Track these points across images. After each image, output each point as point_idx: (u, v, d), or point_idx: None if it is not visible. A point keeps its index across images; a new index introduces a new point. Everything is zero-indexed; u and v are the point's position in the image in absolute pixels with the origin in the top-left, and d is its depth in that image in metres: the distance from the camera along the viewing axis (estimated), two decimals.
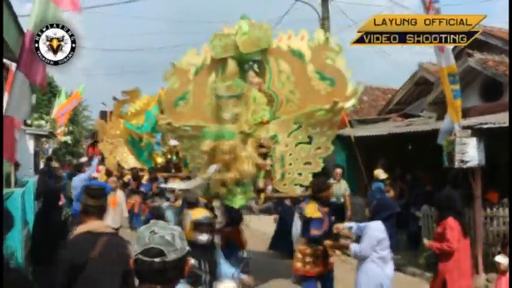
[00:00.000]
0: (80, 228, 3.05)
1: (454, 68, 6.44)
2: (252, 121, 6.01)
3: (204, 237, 3.58)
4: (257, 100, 6.07)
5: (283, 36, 6.28)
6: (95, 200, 3.09)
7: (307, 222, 5.31)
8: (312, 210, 5.22)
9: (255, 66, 6.69)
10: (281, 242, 8.68)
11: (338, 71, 5.84)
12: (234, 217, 6.79)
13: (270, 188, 8.51)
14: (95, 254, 2.79)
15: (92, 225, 3.01)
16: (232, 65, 6.25)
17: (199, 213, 3.72)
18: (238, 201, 5.82)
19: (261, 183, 6.09)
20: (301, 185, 6.22)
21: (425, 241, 5.12)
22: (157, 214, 6.84)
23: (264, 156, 6.02)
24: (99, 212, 3.10)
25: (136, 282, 1.85)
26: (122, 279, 2.78)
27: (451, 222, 4.81)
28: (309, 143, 6.16)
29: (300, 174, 6.15)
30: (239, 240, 6.81)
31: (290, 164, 6.16)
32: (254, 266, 7.52)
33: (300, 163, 6.13)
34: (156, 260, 1.77)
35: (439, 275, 4.80)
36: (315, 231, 5.12)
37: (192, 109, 6.52)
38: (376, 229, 4.76)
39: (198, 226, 3.58)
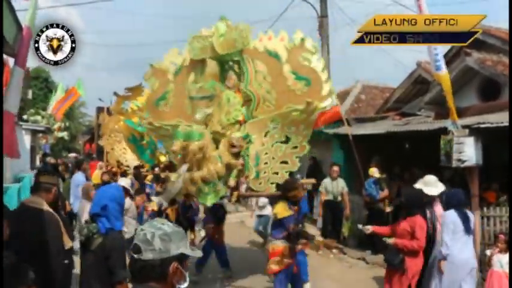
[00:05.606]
0: (23, 201, 3.64)
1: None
2: (225, 121, 6.07)
3: None
4: (231, 101, 6.13)
5: (263, 37, 6.32)
6: (45, 177, 3.57)
7: (277, 221, 5.41)
8: (281, 210, 5.33)
9: (235, 67, 6.74)
10: None
11: (313, 71, 5.90)
12: (218, 215, 7.07)
13: (244, 186, 8.69)
14: (16, 224, 3.19)
15: (30, 200, 3.53)
16: (211, 66, 6.36)
17: None
18: (209, 199, 5.92)
19: (232, 182, 6.16)
20: (277, 184, 6.23)
21: (389, 240, 5.04)
22: None
23: (237, 155, 6.07)
24: (45, 188, 3.54)
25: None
26: (37, 242, 3.30)
27: (421, 221, 4.88)
28: (287, 142, 6.19)
29: (276, 173, 6.19)
30: (220, 239, 7.10)
31: (266, 163, 6.18)
32: (253, 264, 7.53)
33: (276, 162, 6.17)
34: (135, 256, 1.75)
35: (408, 270, 4.83)
36: (292, 227, 5.25)
37: (172, 109, 6.57)
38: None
39: None
